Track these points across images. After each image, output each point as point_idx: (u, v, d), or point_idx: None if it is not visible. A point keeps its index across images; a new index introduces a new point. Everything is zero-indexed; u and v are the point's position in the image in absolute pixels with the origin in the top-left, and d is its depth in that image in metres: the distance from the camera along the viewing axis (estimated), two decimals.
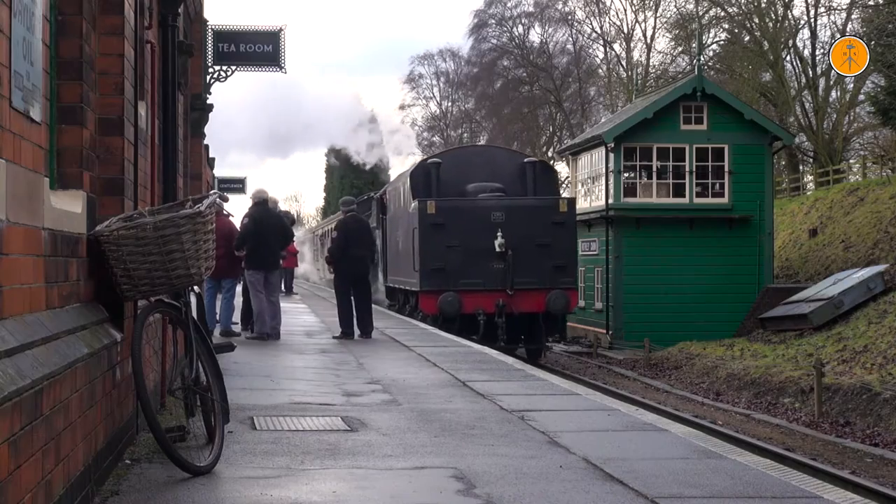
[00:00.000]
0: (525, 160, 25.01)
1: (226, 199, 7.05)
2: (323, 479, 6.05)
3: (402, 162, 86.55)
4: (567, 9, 57.47)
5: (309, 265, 56.42)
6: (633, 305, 29.69)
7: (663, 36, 55.34)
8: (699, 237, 29.65)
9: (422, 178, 24.27)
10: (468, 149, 27.78)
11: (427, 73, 69.59)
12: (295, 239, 24.54)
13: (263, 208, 16.13)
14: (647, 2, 53.17)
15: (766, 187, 30.07)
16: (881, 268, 24.54)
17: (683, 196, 30.02)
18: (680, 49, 48.43)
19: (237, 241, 15.72)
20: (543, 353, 24.23)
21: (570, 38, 57.97)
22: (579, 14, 57.43)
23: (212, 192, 6.84)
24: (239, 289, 17.73)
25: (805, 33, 44.14)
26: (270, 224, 15.99)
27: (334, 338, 16.41)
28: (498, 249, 22.07)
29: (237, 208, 62.42)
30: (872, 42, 29.91)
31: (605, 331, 30.66)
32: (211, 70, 18.19)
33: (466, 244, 22.21)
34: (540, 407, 8.95)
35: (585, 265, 31.34)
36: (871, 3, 35.14)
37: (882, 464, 14.49)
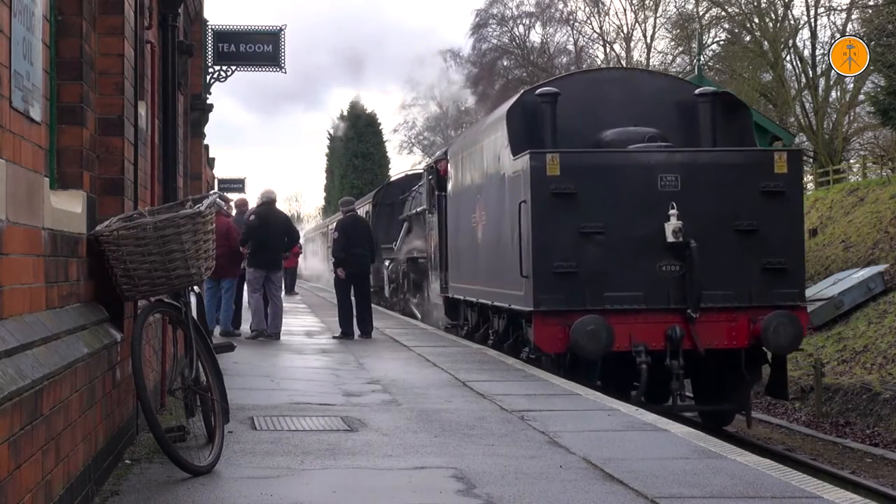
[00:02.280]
0: (697, 91, 14.69)
1: (226, 200, 7.07)
2: (323, 479, 6.05)
3: (402, 161, 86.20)
4: (569, 8, 57.51)
5: (320, 264, 51.55)
6: None
7: (663, 36, 55.32)
8: None
9: (523, 119, 14.33)
10: (598, 74, 16.98)
11: (427, 73, 69.61)
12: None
13: (269, 208, 16.21)
14: (647, 2, 53.19)
15: None
16: (881, 268, 24.53)
17: None
18: (680, 49, 48.43)
19: (242, 236, 15.78)
20: (748, 419, 14.21)
21: (571, 38, 58.03)
22: (580, 15, 57.50)
23: (212, 192, 6.85)
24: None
25: (805, 33, 44.15)
26: (276, 224, 16.04)
27: (334, 338, 16.43)
28: (672, 238, 12.70)
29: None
30: (872, 42, 29.87)
31: None
32: (211, 70, 18.23)
33: (614, 229, 12.81)
34: (540, 407, 8.95)
35: None
36: (871, 3, 35.15)
37: (882, 464, 14.50)
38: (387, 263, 28.75)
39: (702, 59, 32.02)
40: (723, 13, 46.01)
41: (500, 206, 14.52)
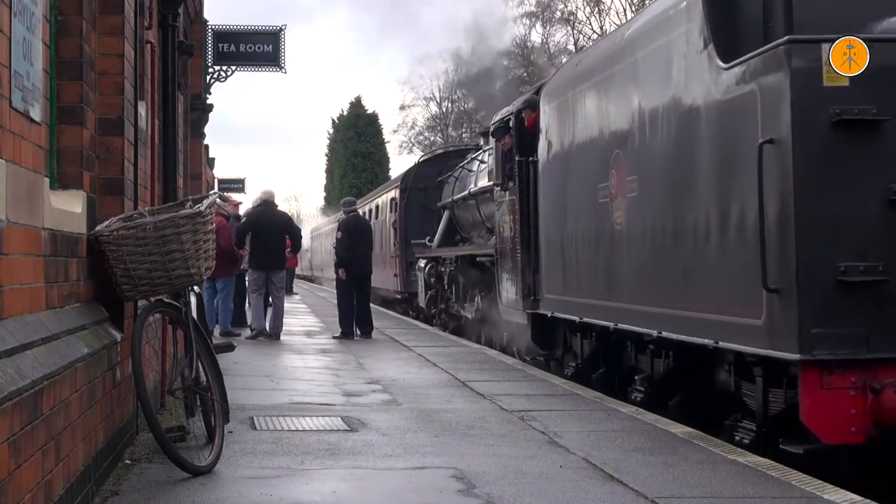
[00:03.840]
0: None
1: (226, 200, 7.07)
2: (323, 479, 6.05)
3: (402, 161, 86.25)
4: (570, 8, 57.50)
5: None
6: None
7: None
8: None
9: (724, 6, 7.78)
10: None
11: (427, 73, 69.66)
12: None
13: (265, 209, 16.17)
14: (646, 2, 53.22)
15: None
16: None
17: None
18: None
19: (235, 237, 15.80)
20: None
21: (571, 38, 58.01)
22: (581, 15, 57.49)
23: (212, 192, 6.87)
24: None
25: None
26: (271, 225, 16.00)
27: (334, 338, 16.43)
28: None
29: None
30: None
31: None
32: (211, 70, 18.27)
33: None
34: (540, 407, 8.95)
35: None
36: None
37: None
38: (422, 264, 21.50)
39: None
40: None
41: (686, 160, 8.16)
